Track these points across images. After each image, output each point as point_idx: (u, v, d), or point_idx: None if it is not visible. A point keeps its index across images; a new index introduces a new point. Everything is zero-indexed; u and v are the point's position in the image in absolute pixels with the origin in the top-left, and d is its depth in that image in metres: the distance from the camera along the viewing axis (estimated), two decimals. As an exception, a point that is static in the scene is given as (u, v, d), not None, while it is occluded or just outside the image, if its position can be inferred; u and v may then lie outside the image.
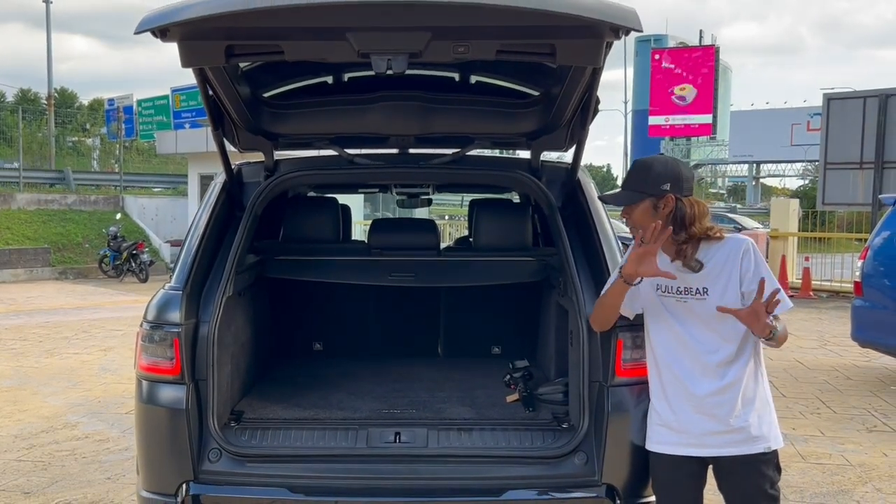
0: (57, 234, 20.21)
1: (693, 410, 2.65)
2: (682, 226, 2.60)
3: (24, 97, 45.92)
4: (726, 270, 2.62)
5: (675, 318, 2.68)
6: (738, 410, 2.61)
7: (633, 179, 2.67)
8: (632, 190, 2.65)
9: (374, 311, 4.86)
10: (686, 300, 2.66)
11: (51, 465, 5.31)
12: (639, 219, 2.62)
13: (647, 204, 2.61)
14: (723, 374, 2.61)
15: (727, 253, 2.63)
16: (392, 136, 3.83)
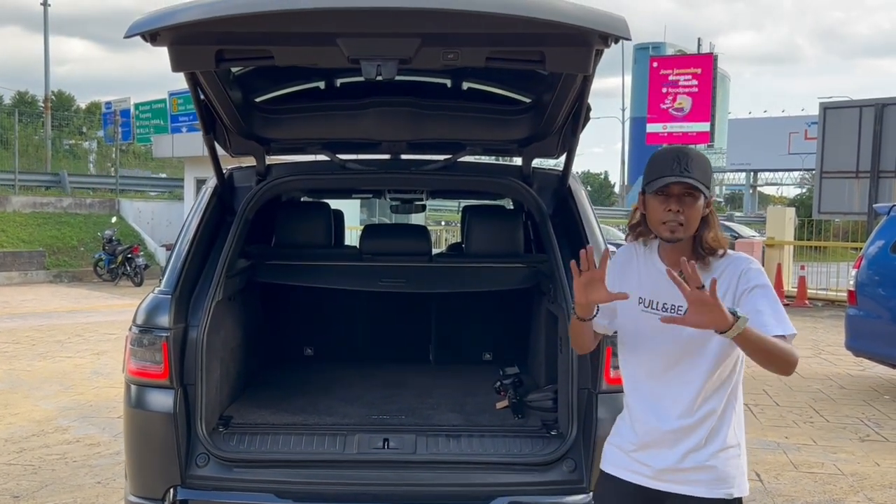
0: (52, 237, 20.17)
1: (657, 442, 2.34)
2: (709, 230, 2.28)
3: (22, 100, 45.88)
4: (721, 292, 2.19)
5: (653, 336, 2.32)
6: (705, 448, 2.30)
7: (699, 170, 2.26)
8: (703, 183, 2.25)
9: (365, 317, 4.86)
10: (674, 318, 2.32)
11: (41, 469, 5.28)
12: (694, 212, 2.24)
13: (702, 201, 2.25)
14: (696, 408, 2.29)
15: (726, 272, 2.28)
16: (384, 142, 3.84)
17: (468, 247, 4.32)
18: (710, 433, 2.29)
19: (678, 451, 2.30)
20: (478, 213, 4.51)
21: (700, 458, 2.29)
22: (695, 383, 2.29)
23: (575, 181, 3.73)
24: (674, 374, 2.31)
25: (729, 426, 2.33)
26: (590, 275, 2.23)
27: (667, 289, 2.23)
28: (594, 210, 3.66)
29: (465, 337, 4.79)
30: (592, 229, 3.45)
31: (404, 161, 3.90)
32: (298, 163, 3.89)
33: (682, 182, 2.19)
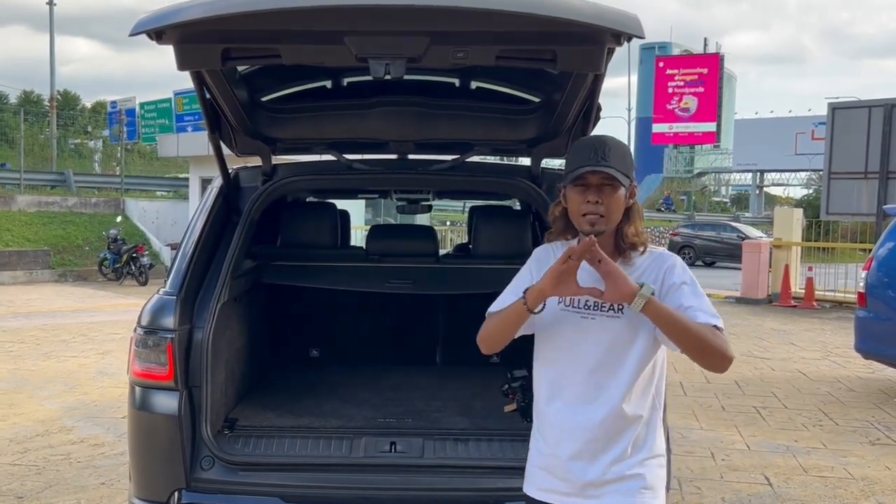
0: (57, 237, 20.18)
1: (579, 453, 2.17)
2: (632, 222, 2.18)
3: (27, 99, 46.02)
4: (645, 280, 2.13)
5: (575, 336, 2.18)
6: (631, 458, 2.16)
7: (618, 159, 2.14)
8: (623, 173, 2.13)
9: (371, 318, 4.82)
10: (595, 317, 2.17)
11: (45, 469, 5.26)
12: (616, 206, 2.13)
13: (623, 191, 2.14)
14: (620, 414, 2.14)
15: (650, 267, 2.19)
16: (391, 142, 3.80)
17: (475, 248, 4.28)
18: (636, 441, 2.17)
19: (602, 461, 2.16)
20: (485, 213, 4.47)
21: (625, 467, 2.16)
22: (618, 388, 2.15)
23: None
24: (596, 378, 2.16)
25: (655, 434, 2.21)
26: (571, 265, 2.06)
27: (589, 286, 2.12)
28: None
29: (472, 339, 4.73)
30: None
31: (411, 161, 3.86)
32: (305, 163, 3.86)
33: (599, 171, 2.09)
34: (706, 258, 28.53)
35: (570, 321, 2.19)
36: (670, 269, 2.18)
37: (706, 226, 31.02)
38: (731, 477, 5.26)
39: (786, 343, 11.01)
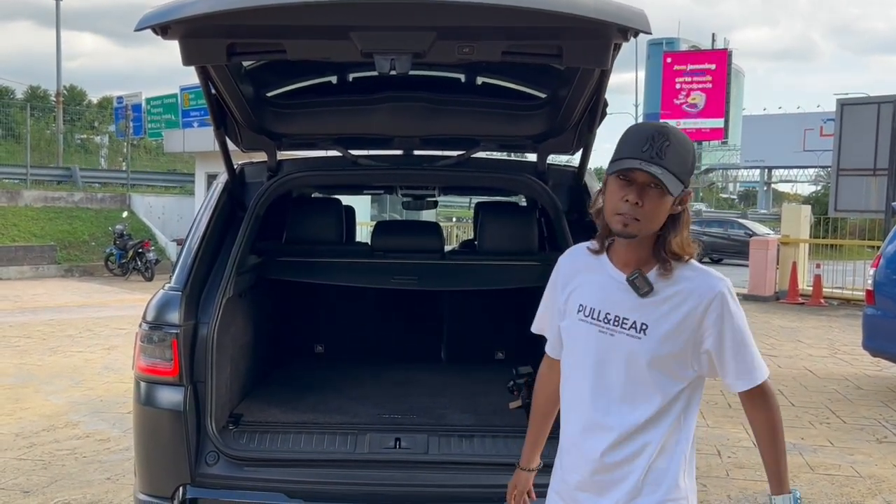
0: (63, 232, 20.23)
1: (581, 483, 1.98)
2: (678, 231, 1.90)
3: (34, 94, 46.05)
4: (682, 313, 1.88)
5: (591, 351, 1.95)
6: (643, 497, 1.91)
7: (678, 159, 1.84)
8: (675, 174, 1.82)
9: (376, 315, 4.81)
10: (614, 333, 1.92)
11: (51, 464, 5.27)
12: (657, 210, 1.84)
13: (672, 198, 1.84)
14: (631, 439, 1.91)
15: (691, 290, 1.89)
16: (397, 138, 3.79)
17: (481, 244, 4.26)
18: (647, 474, 1.90)
19: (611, 497, 1.93)
20: (491, 209, 4.46)
21: (632, 498, 1.92)
22: (637, 410, 1.92)
23: (591, 178, 3.67)
24: (606, 404, 1.94)
25: (676, 470, 1.93)
26: None
27: (613, 299, 1.93)
28: None
29: (477, 335, 4.73)
30: None
31: (417, 157, 3.85)
32: (310, 158, 3.85)
33: (647, 171, 1.79)
34: (713, 255, 28.44)
35: (587, 333, 1.97)
36: (715, 305, 1.88)
37: (713, 222, 30.94)
38: (738, 475, 5.24)
39: (793, 340, 10.97)
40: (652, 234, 1.89)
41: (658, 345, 1.89)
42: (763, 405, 1.95)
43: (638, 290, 1.90)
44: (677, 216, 1.90)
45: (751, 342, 1.93)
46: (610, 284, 1.95)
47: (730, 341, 1.89)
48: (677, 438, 1.94)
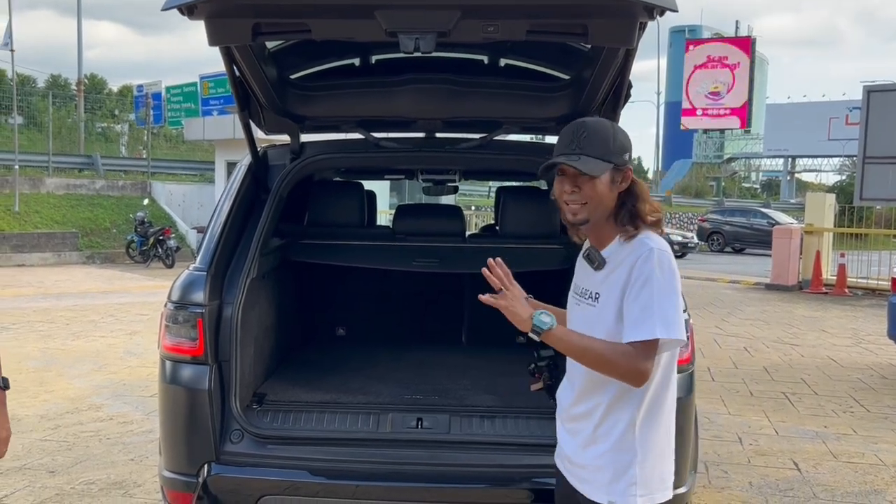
0: (85, 219, 20.42)
1: (563, 428, 2.32)
2: (633, 204, 2.13)
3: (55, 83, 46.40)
4: (621, 278, 2.09)
5: (574, 320, 2.26)
6: (589, 444, 2.18)
7: (596, 144, 2.09)
8: (597, 158, 2.08)
9: (397, 298, 4.81)
10: (580, 303, 2.23)
11: (75, 445, 5.34)
12: (593, 192, 2.09)
13: (608, 175, 2.09)
14: (586, 397, 2.19)
15: (628, 255, 2.10)
16: (419, 120, 3.77)
17: (503, 228, 4.25)
18: (598, 427, 2.16)
19: (576, 442, 2.23)
20: (512, 193, 4.43)
21: (590, 456, 2.18)
22: (583, 373, 2.18)
23: None
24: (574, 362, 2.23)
25: (626, 429, 2.13)
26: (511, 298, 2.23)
27: (583, 274, 2.25)
28: None
29: (498, 319, 4.69)
30: None
31: (439, 139, 3.84)
32: (332, 141, 3.85)
33: (568, 164, 2.07)
34: (735, 244, 28.25)
35: (571, 306, 2.31)
36: (636, 264, 2.07)
37: (736, 212, 30.69)
38: (759, 462, 5.21)
39: (816, 330, 10.88)
40: (604, 215, 2.13)
41: (604, 310, 2.13)
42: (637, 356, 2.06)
43: (591, 264, 2.20)
44: (629, 191, 2.13)
45: (652, 306, 2.02)
46: (583, 263, 2.26)
47: (634, 294, 2.05)
48: (628, 398, 2.12)
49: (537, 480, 2.91)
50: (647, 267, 2.05)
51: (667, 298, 2.04)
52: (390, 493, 2.92)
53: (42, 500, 4.37)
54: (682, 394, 2.98)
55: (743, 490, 4.72)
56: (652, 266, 2.05)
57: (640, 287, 2.04)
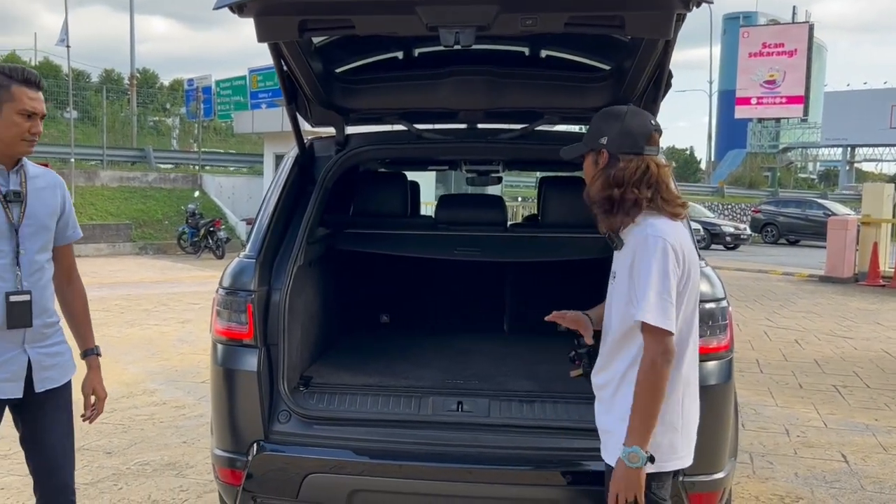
0: (138, 211, 20.92)
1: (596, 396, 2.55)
2: (611, 187, 2.32)
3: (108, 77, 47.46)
4: (628, 258, 2.30)
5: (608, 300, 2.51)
6: (608, 410, 2.41)
7: (587, 132, 2.46)
8: (583, 142, 2.44)
9: (440, 286, 4.87)
10: (610, 283, 2.46)
11: (130, 428, 5.53)
12: (587, 175, 2.42)
13: (589, 159, 2.40)
14: (606, 368, 2.44)
15: (633, 236, 2.31)
16: (461, 111, 3.82)
17: (544, 217, 4.28)
18: (614, 396, 2.37)
19: (599, 407, 2.48)
20: (555, 183, 4.46)
21: (607, 420, 2.41)
22: (606, 343, 2.45)
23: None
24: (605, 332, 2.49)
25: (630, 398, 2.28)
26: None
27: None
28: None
29: (539, 308, 4.73)
30: None
31: (481, 130, 3.88)
32: (376, 132, 3.92)
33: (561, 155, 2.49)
34: (790, 236, 27.69)
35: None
36: (638, 248, 2.27)
37: (790, 202, 30.03)
38: (806, 453, 5.16)
39: (871, 323, 10.66)
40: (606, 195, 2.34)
41: (618, 286, 2.36)
42: (645, 347, 2.24)
43: (612, 245, 2.41)
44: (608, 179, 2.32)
45: (650, 285, 2.20)
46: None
47: (636, 277, 2.25)
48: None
49: (574, 463, 2.96)
50: (649, 253, 2.23)
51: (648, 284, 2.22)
52: (430, 472, 2.98)
53: (100, 479, 4.56)
54: (718, 380, 3.02)
55: (788, 481, 4.68)
56: (652, 252, 2.23)
57: (640, 269, 2.24)
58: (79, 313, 2.91)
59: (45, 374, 2.69)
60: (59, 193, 2.78)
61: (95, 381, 2.91)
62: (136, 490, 4.42)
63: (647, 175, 2.29)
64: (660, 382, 2.19)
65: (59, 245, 2.80)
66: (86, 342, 2.92)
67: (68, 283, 2.89)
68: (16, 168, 2.63)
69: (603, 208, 2.35)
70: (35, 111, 2.56)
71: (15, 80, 2.54)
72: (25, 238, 2.61)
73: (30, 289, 2.60)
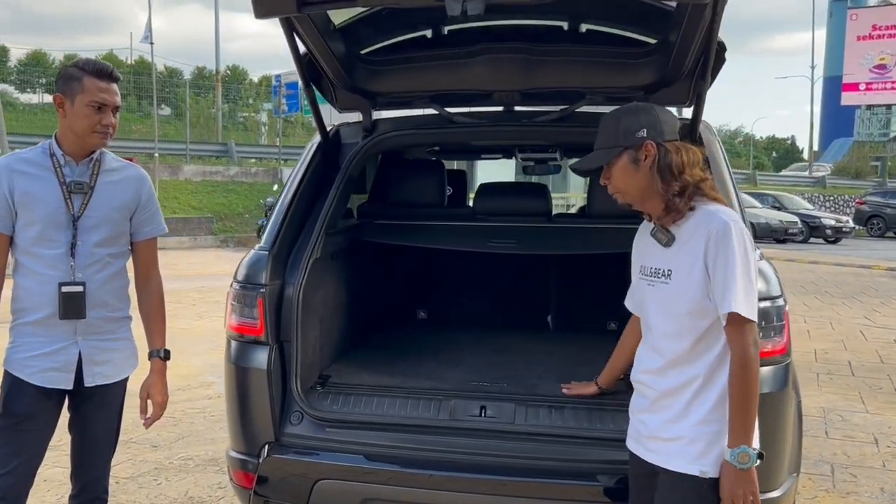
0: (219, 204, 21.45)
1: (640, 406, 2.36)
2: (671, 175, 2.18)
3: (200, 74, 49.01)
4: (693, 249, 2.15)
5: (645, 303, 2.34)
6: (682, 417, 2.21)
7: (601, 137, 2.28)
8: (604, 147, 2.25)
9: (482, 280, 4.64)
10: (654, 283, 2.28)
11: (181, 421, 5.53)
12: (620, 180, 2.24)
13: (625, 159, 2.21)
14: (682, 369, 2.22)
15: (695, 227, 2.17)
16: (496, 92, 3.56)
17: (591, 207, 3.99)
18: (693, 400, 2.19)
19: (663, 416, 2.24)
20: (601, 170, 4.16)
21: (680, 428, 2.20)
22: (669, 348, 2.23)
23: (708, 131, 3.31)
24: (654, 338, 2.30)
25: (718, 400, 2.17)
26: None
27: (651, 254, 2.30)
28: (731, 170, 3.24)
29: (587, 304, 4.46)
30: (727, 190, 3.05)
31: (516, 113, 3.61)
32: (405, 117, 3.72)
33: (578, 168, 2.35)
34: (898, 228, 26.28)
35: (643, 288, 2.36)
36: (713, 237, 2.12)
37: (899, 192, 28.46)
38: (895, 466, 4.70)
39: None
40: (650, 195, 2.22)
41: (681, 285, 2.17)
42: (733, 340, 2.11)
43: (661, 242, 2.24)
44: (665, 162, 2.17)
45: (738, 275, 2.07)
46: (650, 242, 2.30)
47: (720, 267, 2.09)
48: (723, 369, 2.16)
49: (603, 476, 2.70)
50: (734, 241, 2.09)
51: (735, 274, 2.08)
52: (444, 482, 2.77)
53: (140, 473, 4.53)
54: (772, 388, 2.70)
55: (872, 497, 4.27)
56: (739, 241, 2.10)
57: (728, 259, 2.09)
58: (150, 313, 2.86)
59: (97, 370, 2.66)
60: (136, 188, 2.74)
61: (152, 385, 2.81)
62: (174, 486, 4.37)
63: (696, 158, 2.23)
64: (756, 375, 2.09)
65: (138, 241, 2.78)
66: (152, 343, 2.86)
67: (145, 282, 2.85)
68: (87, 160, 2.61)
69: (664, 203, 2.20)
70: (106, 103, 2.53)
71: (86, 71, 2.53)
72: (84, 230, 2.59)
73: (83, 280, 2.57)
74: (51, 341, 2.59)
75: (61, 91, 2.54)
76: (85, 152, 2.61)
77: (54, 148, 2.59)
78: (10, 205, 2.53)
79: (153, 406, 2.83)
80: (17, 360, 2.60)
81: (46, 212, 2.54)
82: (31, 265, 2.56)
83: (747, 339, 2.08)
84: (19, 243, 2.57)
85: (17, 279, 2.61)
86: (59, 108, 2.55)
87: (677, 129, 2.27)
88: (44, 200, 2.54)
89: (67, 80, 2.53)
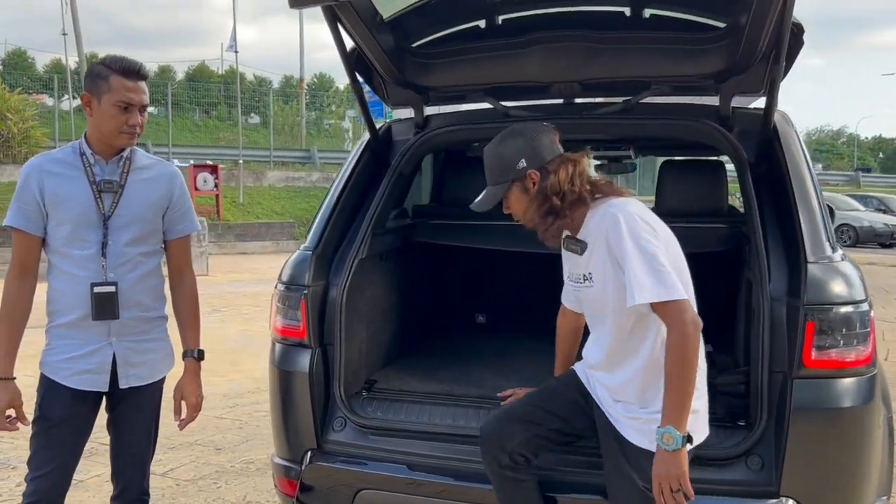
0: (301, 210, 21.77)
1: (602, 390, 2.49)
2: (554, 193, 2.33)
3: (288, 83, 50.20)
4: (599, 251, 2.29)
5: (581, 304, 2.55)
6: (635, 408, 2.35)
7: (489, 174, 2.45)
8: (495, 184, 2.43)
9: (546, 284, 4.42)
10: (580, 288, 2.45)
11: (247, 424, 5.53)
12: (518, 209, 2.41)
13: (515, 191, 2.39)
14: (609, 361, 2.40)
15: (596, 228, 2.31)
16: (554, 84, 3.37)
17: (659, 204, 3.75)
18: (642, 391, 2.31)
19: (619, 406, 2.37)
20: (674, 167, 3.93)
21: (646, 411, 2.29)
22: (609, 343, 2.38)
23: (784, 122, 3.05)
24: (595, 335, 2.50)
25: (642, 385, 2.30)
26: None
27: (570, 262, 2.51)
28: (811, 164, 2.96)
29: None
30: (803, 181, 2.79)
31: (576, 105, 3.41)
32: (458, 112, 3.57)
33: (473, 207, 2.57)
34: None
35: (572, 292, 2.59)
36: (609, 231, 2.22)
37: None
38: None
39: None
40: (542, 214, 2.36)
41: (601, 286, 2.31)
42: (668, 324, 2.15)
43: (575, 252, 2.42)
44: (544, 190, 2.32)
45: (635, 262, 2.13)
46: (567, 253, 2.51)
47: (623, 260, 2.18)
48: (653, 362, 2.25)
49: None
50: (618, 233, 2.19)
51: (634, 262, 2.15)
52: (485, 496, 2.61)
53: (201, 476, 4.53)
54: (855, 402, 2.47)
55: None
56: (619, 228, 2.19)
57: (622, 248, 2.17)
58: (184, 313, 2.80)
59: (132, 371, 2.61)
60: (167, 185, 2.68)
61: (185, 386, 2.74)
62: (233, 489, 4.35)
63: (577, 168, 2.33)
64: (692, 354, 2.10)
65: (171, 239, 2.73)
66: (186, 343, 2.79)
67: (179, 281, 2.80)
68: (117, 158, 2.57)
69: (550, 221, 2.35)
70: (132, 102, 2.48)
71: (113, 69, 2.47)
72: (115, 229, 2.54)
73: (115, 280, 2.52)
74: (85, 343, 2.55)
75: (88, 90, 2.50)
76: (113, 151, 2.57)
77: (84, 147, 2.55)
78: (42, 206, 2.50)
79: (187, 408, 2.75)
80: (52, 363, 2.57)
81: (77, 211, 2.50)
82: (62, 266, 2.53)
83: (681, 318, 2.09)
84: (51, 244, 2.54)
85: (50, 281, 2.59)
86: (87, 107, 2.51)
87: (555, 149, 2.39)
88: (74, 200, 2.50)
89: (94, 79, 2.48)
